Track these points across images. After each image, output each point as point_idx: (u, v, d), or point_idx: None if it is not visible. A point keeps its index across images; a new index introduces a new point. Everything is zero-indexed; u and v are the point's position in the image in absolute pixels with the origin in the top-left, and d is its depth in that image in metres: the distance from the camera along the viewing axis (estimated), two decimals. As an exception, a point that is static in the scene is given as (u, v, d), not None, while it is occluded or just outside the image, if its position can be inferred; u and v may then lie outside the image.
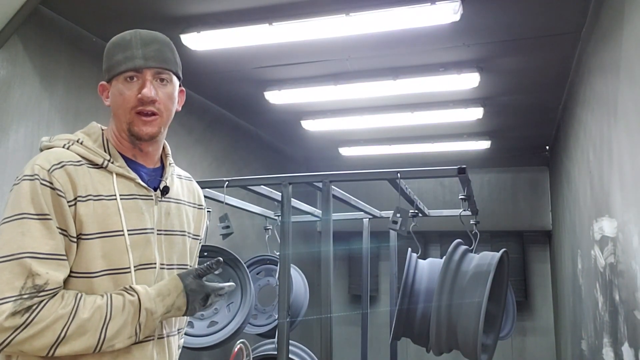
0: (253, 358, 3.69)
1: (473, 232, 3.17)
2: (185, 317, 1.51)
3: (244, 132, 5.48)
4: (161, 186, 1.45)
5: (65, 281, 1.28)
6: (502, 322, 3.32)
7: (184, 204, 1.54)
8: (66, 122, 3.10)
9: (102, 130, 1.43)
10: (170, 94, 1.42)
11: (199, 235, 1.61)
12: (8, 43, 2.70)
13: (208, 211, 3.19)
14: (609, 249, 2.76)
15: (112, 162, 1.38)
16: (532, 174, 6.57)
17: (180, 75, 1.47)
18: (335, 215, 3.84)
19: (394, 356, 4.16)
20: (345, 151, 6.26)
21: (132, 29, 1.44)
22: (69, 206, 1.27)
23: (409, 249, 3.32)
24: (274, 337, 3.45)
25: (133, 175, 1.40)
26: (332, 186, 2.89)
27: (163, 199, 1.45)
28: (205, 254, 3.35)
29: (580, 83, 3.57)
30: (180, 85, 1.49)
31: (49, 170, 1.27)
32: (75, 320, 1.22)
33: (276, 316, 3.29)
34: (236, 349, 2.90)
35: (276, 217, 4.09)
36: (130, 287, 1.32)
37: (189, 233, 1.54)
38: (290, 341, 2.98)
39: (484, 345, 3.08)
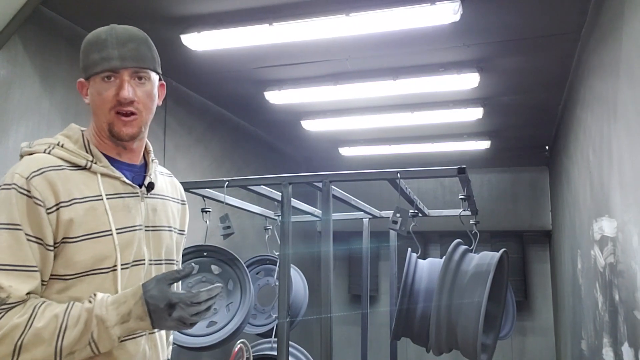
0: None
1: (473, 232, 3.17)
2: None
3: (244, 132, 5.48)
4: (146, 182, 1.46)
5: (49, 285, 1.28)
6: (502, 322, 3.32)
7: (169, 200, 1.55)
8: (66, 122, 3.06)
9: (82, 131, 1.42)
10: (149, 92, 1.40)
11: (183, 231, 1.63)
12: (8, 43, 2.69)
13: (207, 211, 3.24)
14: (608, 249, 2.76)
15: (95, 163, 1.37)
16: (532, 174, 6.57)
17: (159, 71, 1.45)
18: (335, 215, 3.84)
19: (394, 356, 4.16)
20: (345, 151, 6.26)
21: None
22: (49, 213, 1.26)
23: (409, 249, 3.32)
24: (274, 337, 3.45)
25: (117, 174, 1.39)
26: (332, 186, 2.89)
27: (149, 195, 1.46)
28: (205, 254, 3.34)
29: (580, 83, 3.57)
30: (160, 79, 1.47)
31: (27, 178, 1.25)
32: (31, 330, 1.19)
33: (275, 316, 3.28)
34: (236, 349, 2.90)
35: (276, 217, 4.08)
36: (94, 294, 1.28)
37: (174, 228, 1.54)
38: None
39: (484, 345, 3.07)
